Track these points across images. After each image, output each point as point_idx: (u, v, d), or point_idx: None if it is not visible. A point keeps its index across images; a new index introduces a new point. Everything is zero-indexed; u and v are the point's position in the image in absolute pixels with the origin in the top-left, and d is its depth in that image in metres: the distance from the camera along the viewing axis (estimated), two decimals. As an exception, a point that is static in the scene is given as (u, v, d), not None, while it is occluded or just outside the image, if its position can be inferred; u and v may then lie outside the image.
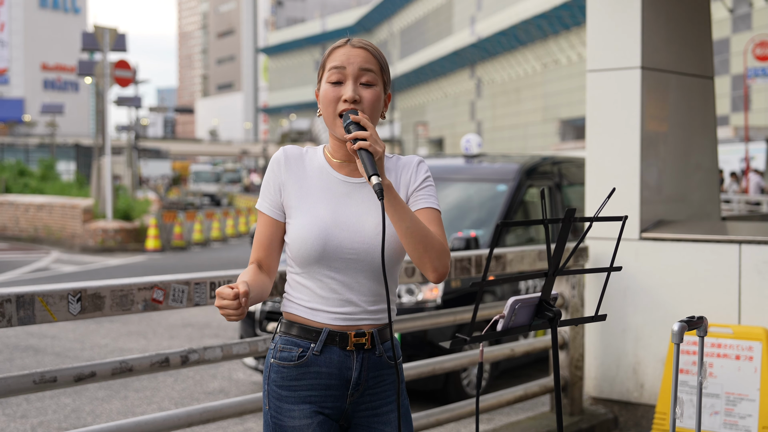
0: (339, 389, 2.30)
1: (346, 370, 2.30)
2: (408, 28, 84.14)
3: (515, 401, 5.25)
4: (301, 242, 2.26)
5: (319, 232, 2.25)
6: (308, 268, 2.28)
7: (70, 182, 31.40)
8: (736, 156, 29.18)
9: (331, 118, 2.29)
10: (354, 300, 2.30)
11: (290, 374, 2.29)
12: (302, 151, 2.37)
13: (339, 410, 2.32)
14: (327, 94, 2.29)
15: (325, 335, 2.28)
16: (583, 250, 5.57)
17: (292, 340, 2.30)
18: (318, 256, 2.25)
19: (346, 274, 2.28)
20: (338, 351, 2.29)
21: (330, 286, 2.29)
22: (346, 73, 2.28)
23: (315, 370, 2.28)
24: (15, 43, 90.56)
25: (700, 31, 6.18)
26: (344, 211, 2.29)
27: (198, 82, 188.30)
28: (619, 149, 5.57)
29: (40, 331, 9.41)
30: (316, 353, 2.28)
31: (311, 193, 2.31)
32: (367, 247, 2.27)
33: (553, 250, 2.17)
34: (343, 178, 2.33)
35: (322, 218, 2.27)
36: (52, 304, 3.02)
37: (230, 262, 17.59)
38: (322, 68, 2.32)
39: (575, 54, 55.22)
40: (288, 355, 2.30)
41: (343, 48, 2.31)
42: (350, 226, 2.27)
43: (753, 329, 4.97)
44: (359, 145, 2.17)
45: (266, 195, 2.34)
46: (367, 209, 2.31)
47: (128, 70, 22.12)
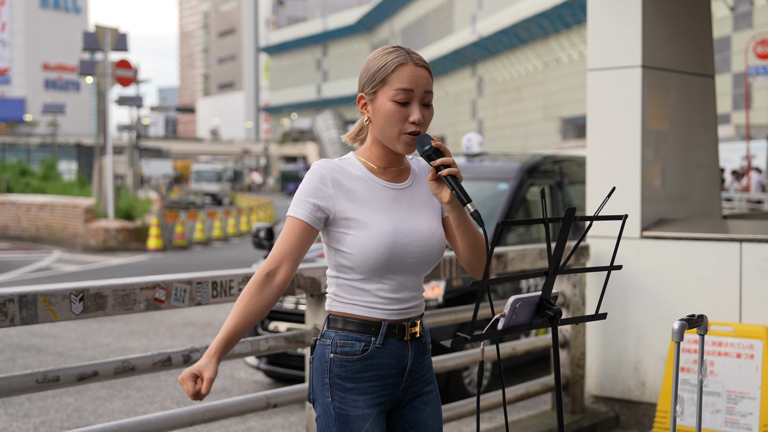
0: (396, 377, 2.43)
1: (403, 358, 2.44)
2: (409, 27, 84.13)
3: (517, 400, 5.26)
4: (369, 253, 2.36)
5: (387, 242, 2.36)
6: (372, 274, 2.38)
7: (72, 182, 31.41)
8: (737, 154, 29.17)
9: (395, 135, 2.38)
10: (407, 296, 2.44)
11: (354, 367, 2.39)
12: (340, 164, 2.43)
13: (393, 397, 2.45)
14: (394, 114, 2.36)
15: (385, 329, 2.41)
16: (584, 249, 5.58)
17: (352, 336, 2.40)
18: (386, 263, 2.37)
19: (403, 275, 2.42)
20: (396, 342, 2.43)
21: (389, 287, 2.41)
22: (413, 96, 2.38)
23: (378, 362, 2.40)
24: (16, 42, 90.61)
25: (700, 30, 6.18)
26: (400, 217, 2.42)
27: (199, 82, 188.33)
28: (620, 148, 5.58)
29: (42, 331, 9.42)
30: (379, 346, 2.40)
31: (365, 203, 2.39)
32: (424, 249, 2.43)
33: (554, 249, 2.18)
34: (388, 184, 2.45)
35: (386, 228, 2.37)
36: (54, 304, 3.03)
37: (232, 261, 17.60)
38: (382, 82, 2.38)
39: (576, 52, 55.20)
40: (350, 349, 2.39)
41: (408, 67, 2.38)
42: (408, 231, 2.41)
43: (754, 327, 4.97)
44: (448, 171, 2.31)
45: (306, 205, 2.37)
46: (417, 212, 2.46)
47: (129, 70, 22.14)
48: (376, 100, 2.39)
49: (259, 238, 7.53)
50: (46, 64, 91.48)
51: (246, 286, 2.38)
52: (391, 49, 2.42)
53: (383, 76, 2.37)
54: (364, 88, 2.43)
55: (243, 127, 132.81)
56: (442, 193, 2.35)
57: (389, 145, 2.40)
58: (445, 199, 2.35)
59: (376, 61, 2.41)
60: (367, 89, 2.41)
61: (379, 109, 2.38)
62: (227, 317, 2.34)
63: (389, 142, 2.39)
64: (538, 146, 55.91)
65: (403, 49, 2.43)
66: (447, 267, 4.55)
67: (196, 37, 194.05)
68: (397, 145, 2.38)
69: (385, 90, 2.37)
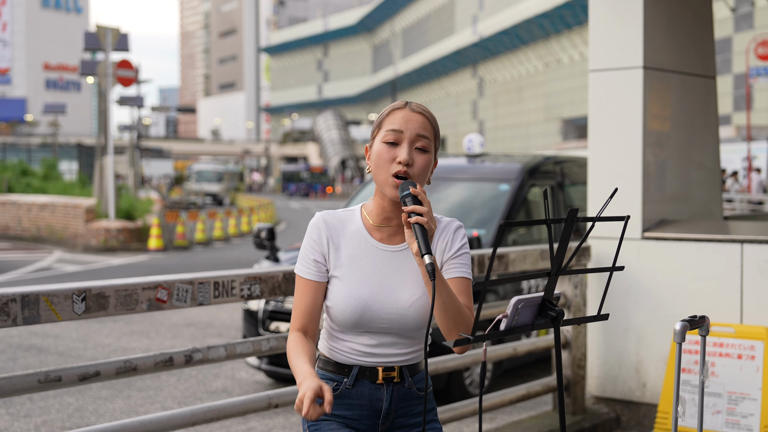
0: (371, 419, 2.43)
1: (377, 401, 2.42)
2: (410, 28, 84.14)
3: (518, 400, 5.26)
4: (340, 311, 2.37)
5: (357, 305, 2.35)
6: (344, 328, 2.40)
7: (73, 182, 31.41)
8: (738, 155, 29.16)
9: (384, 177, 2.35)
10: (385, 351, 2.42)
11: None
12: (340, 217, 2.43)
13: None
14: (381, 154, 2.35)
15: (357, 371, 2.41)
16: (585, 250, 5.58)
17: (328, 375, 2.43)
18: (354, 324, 2.38)
19: (379, 336, 2.40)
20: (369, 384, 2.42)
21: (364, 343, 2.41)
22: (403, 137, 2.35)
23: (348, 402, 2.42)
24: (17, 42, 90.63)
25: (702, 31, 6.18)
26: (381, 281, 2.38)
27: (200, 82, 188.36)
28: (621, 149, 5.58)
29: (43, 331, 9.43)
30: (349, 387, 2.41)
31: (351, 262, 2.39)
32: (399, 318, 2.38)
33: (556, 250, 2.18)
34: (381, 246, 2.40)
35: (360, 292, 2.36)
36: (56, 304, 3.03)
37: (233, 261, 17.61)
38: (378, 127, 2.39)
39: (577, 53, 55.20)
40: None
41: (402, 111, 2.38)
42: (385, 297, 2.37)
43: (755, 329, 4.97)
44: (416, 219, 2.23)
45: (308, 260, 2.40)
46: (401, 279, 2.39)
47: (130, 70, 22.14)
48: (372, 147, 2.40)
49: (261, 238, 7.53)
50: (47, 64, 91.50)
51: (288, 345, 2.38)
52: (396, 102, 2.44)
53: (379, 121, 2.39)
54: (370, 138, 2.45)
55: (244, 127, 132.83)
56: (414, 243, 2.25)
57: (382, 190, 2.36)
58: (413, 250, 2.25)
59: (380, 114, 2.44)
60: (370, 140, 2.42)
61: (374, 152, 2.38)
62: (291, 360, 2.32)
63: (381, 186, 2.36)
64: (539, 147, 55.92)
65: (408, 101, 2.43)
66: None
67: (197, 38, 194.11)
68: (386, 189, 2.34)
69: (380, 134, 2.37)
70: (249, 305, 6.99)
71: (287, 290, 3.79)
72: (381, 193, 2.38)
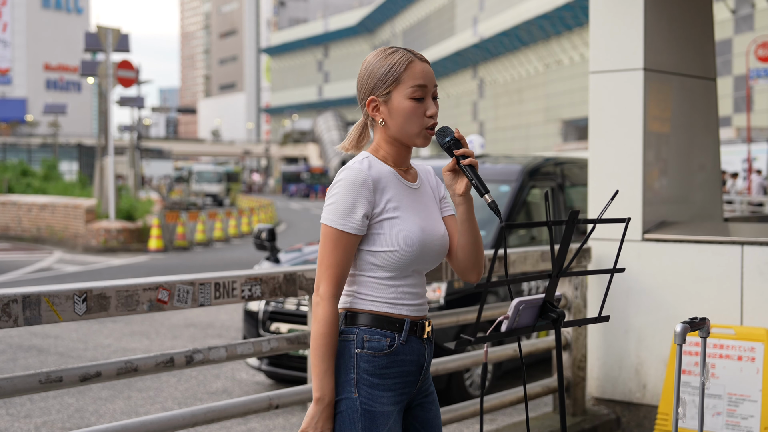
0: (415, 375, 2.46)
1: (422, 356, 2.47)
2: (410, 29, 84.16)
3: (518, 402, 5.26)
4: (407, 248, 2.39)
5: (420, 238, 2.40)
6: (401, 271, 2.42)
7: (73, 182, 31.42)
8: (738, 157, 29.17)
9: (416, 130, 2.43)
10: (423, 291, 2.49)
11: (381, 362, 2.40)
12: (371, 164, 2.44)
13: (410, 395, 2.47)
14: (414, 110, 2.42)
15: (408, 325, 2.43)
16: (585, 251, 5.59)
17: (377, 331, 2.41)
18: (416, 259, 2.42)
19: (421, 272, 2.48)
20: (416, 340, 2.45)
21: (413, 283, 2.45)
22: (427, 91, 2.44)
23: (402, 358, 2.42)
24: (18, 43, 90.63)
25: (702, 33, 6.19)
26: (424, 215, 2.47)
27: (200, 83, 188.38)
28: (621, 150, 5.59)
29: (43, 331, 9.43)
30: (403, 342, 2.42)
31: (399, 201, 2.44)
32: (441, 247, 2.48)
33: (557, 252, 2.18)
34: (410, 184, 2.50)
35: (418, 224, 2.42)
36: (58, 305, 3.03)
37: (233, 262, 17.61)
38: (396, 81, 2.42)
39: (577, 54, 55.22)
40: (377, 344, 2.40)
41: (417, 63, 2.44)
42: (431, 229, 2.46)
43: (755, 330, 4.98)
44: (470, 161, 2.39)
45: (353, 215, 2.36)
46: (431, 212, 2.51)
47: (131, 71, 22.14)
48: (390, 101, 2.42)
49: (261, 239, 7.53)
50: (47, 65, 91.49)
51: (325, 319, 2.35)
52: (392, 50, 2.46)
53: (396, 75, 2.41)
54: (374, 90, 2.44)
55: (244, 128, 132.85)
56: (457, 184, 2.43)
57: (408, 142, 2.45)
58: (460, 190, 2.42)
59: (381, 63, 2.43)
60: (379, 91, 2.43)
61: (397, 108, 2.42)
62: (321, 355, 2.34)
63: (409, 138, 2.44)
64: (539, 148, 55.94)
65: (402, 48, 2.48)
66: (448, 269, 4.55)
67: (198, 38, 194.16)
68: (417, 140, 2.43)
69: (401, 89, 2.41)
70: (249, 306, 6.99)
71: (288, 291, 3.79)
72: (401, 143, 2.47)
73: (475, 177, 2.38)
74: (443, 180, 2.47)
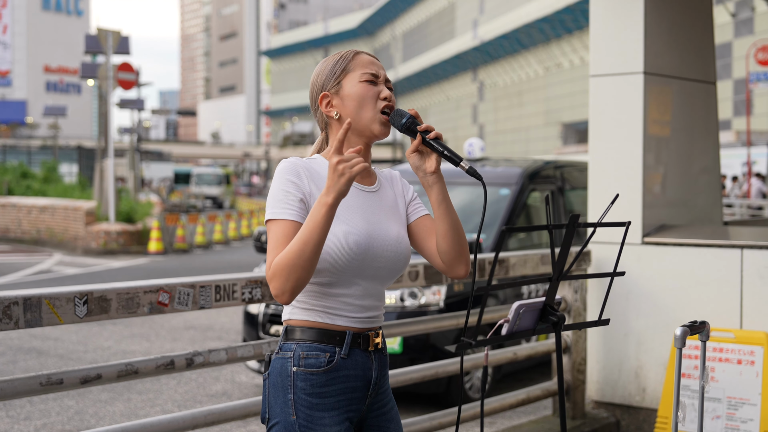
0: (362, 391, 2.33)
1: (368, 370, 2.33)
2: (410, 32, 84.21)
3: (517, 405, 5.27)
4: (341, 252, 2.24)
5: (361, 242, 2.26)
6: (340, 276, 2.27)
7: (73, 184, 31.42)
8: (738, 160, 29.18)
9: (371, 115, 2.35)
10: (371, 304, 2.34)
11: (319, 381, 2.27)
12: (309, 162, 2.36)
13: (359, 412, 2.34)
14: (366, 91, 2.35)
15: (350, 338, 2.29)
16: (585, 255, 5.59)
17: (316, 346, 2.27)
18: (358, 265, 2.26)
19: (370, 282, 2.32)
20: (360, 353, 2.32)
21: (355, 292, 2.30)
22: (378, 79, 2.38)
23: (343, 374, 2.29)
24: (18, 45, 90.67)
25: (702, 36, 6.20)
26: (371, 219, 2.33)
27: (200, 85, 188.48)
28: (621, 154, 5.59)
29: (43, 333, 9.43)
30: (344, 357, 2.28)
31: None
32: (394, 255, 2.33)
33: (558, 255, 2.19)
34: (359, 187, 2.37)
35: (359, 227, 2.28)
36: (58, 307, 3.04)
37: (233, 264, 17.61)
38: (344, 71, 2.37)
39: (577, 58, 55.24)
40: (315, 361, 2.27)
41: (365, 56, 2.41)
42: (380, 234, 2.31)
43: (755, 334, 4.98)
44: (434, 134, 2.29)
45: (290, 203, 2.24)
46: (386, 217, 2.37)
47: (131, 73, 22.16)
48: (342, 90, 2.36)
49: (261, 242, 7.54)
50: (47, 67, 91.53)
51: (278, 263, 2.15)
52: (337, 52, 2.43)
53: (343, 66, 2.37)
54: (324, 87, 2.39)
55: (244, 130, 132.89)
56: (426, 163, 2.31)
57: (365, 130, 2.34)
58: (431, 168, 2.29)
59: (327, 62, 2.41)
60: (329, 84, 2.38)
61: (349, 93, 2.35)
62: (304, 231, 2.14)
63: (365, 125, 2.34)
64: (539, 151, 55.94)
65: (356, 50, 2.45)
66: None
67: (198, 41, 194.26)
68: (374, 126, 2.34)
69: (351, 76, 2.36)
70: (249, 309, 7.00)
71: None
72: (358, 136, 2.36)
73: (445, 148, 2.28)
74: (410, 165, 2.34)
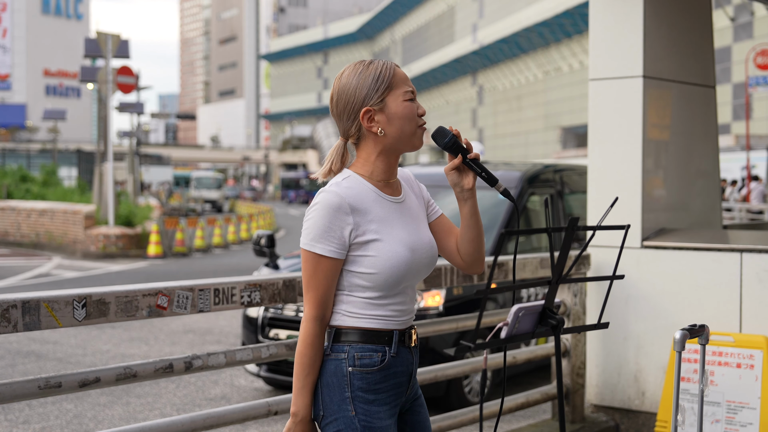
0: (405, 385, 2.48)
1: (410, 365, 2.49)
2: (410, 36, 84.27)
3: (517, 409, 5.26)
4: (391, 270, 2.39)
5: (407, 257, 2.41)
6: (390, 291, 2.42)
7: (72, 188, 31.42)
8: (737, 164, 29.20)
9: (412, 130, 2.47)
10: (411, 306, 2.50)
11: (374, 378, 2.41)
12: (348, 185, 2.43)
13: (402, 404, 2.51)
14: (410, 112, 2.46)
15: (397, 337, 2.44)
16: (584, 258, 5.59)
17: (368, 347, 2.42)
18: (405, 277, 2.42)
19: (411, 288, 2.50)
20: (404, 350, 2.47)
21: (403, 300, 2.47)
22: (414, 92, 2.51)
23: (393, 370, 2.43)
24: (17, 48, 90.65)
25: (701, 40, 6.20)
26: (409, 230, 2.47)
27: (200, 89, 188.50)
28: (621, 157, 5.59)
29: (42, 337, 9.42)
30: (394, 355, 2.43)
31: (382, 222, 2.43)
32: (430, 259, 2.50)
33: (557, 259, 2.19)
34: (393, 198, 2.49)
35: (404, 243, 2.42)
36: (57, 310, 3.03)
37: (232, 268, 17.60)
38: (389, 88, 2.44)
39: (577, 62, 55.27)
40: (370, 361, 2.41)
41: (399, 70, 2.50)
42: (418, 243, 2.47)
43: (754, 337, 4.98)
44: (474, 155, 2.45)
45: (331, 239, 2.37)
46: (418, 224, 2.52)
47: (131, 77, 22.16)
48: (386, 107, 2.44)
49: (260, 245, 7.53)
50: (47, 71, 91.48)
51: (305, 340, 2.40)
52: (369, 62, 2.49)
53: (388, 82, 2.44)
54: (365, 101, 2.43)
55: (243, 134, 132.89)
56: (464, 180, 2.46)
57: (407, 144, 2.47)
58: (468, 185, 2.45)
59: (365, 74, 2.45)
60: (372, 101, 2.43)
61: (395, 112, 2.44)
62: (299, 373, 2.39)
63: (408, 140, 2.46)
64: (538, 155, 55.96)
65: (374, 59, 2.53)
66: (448, 275, 4.56)
67: (197, 44, 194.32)
68: (415, 140, 2.46)
69: (394, 94, 2.45)
70: (248, 312, 6.99)
71: (287, 297, 3.79)
72: (397, 151, 2.48)
73: (483, 170, 2.43)
74: (448, 180, 2.48)
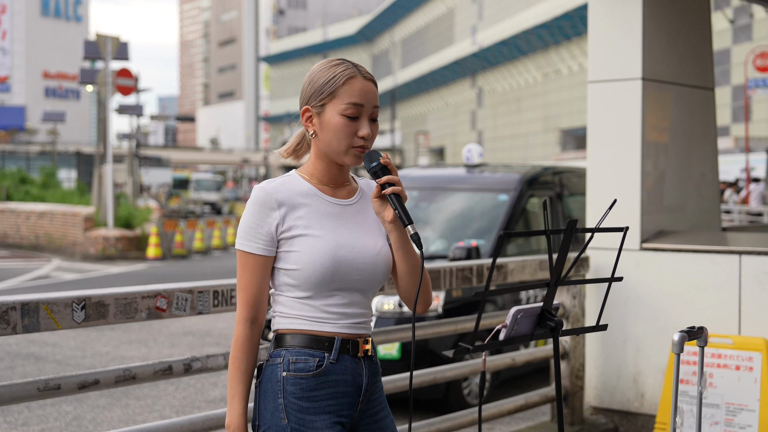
0: (353, 396, 2.35)
1: (358, 376, 2.35)
2: (409, 38, 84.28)
3: (516, 411, 5.26)
4: (315, 266, 2.28)
5: (333, 256, 2.29)
6: (318, 290, 2.31)
7: (72, 190, 31.39)
8: (737, 167, 29.20)
9: (344, 148, 2.33)
10: (355, 311, 2.37)
11: (309, 384, 2.30)
12: (282, 182, 2.38)
13: (351, 418, 2.36)
14: (344, 128, 2.32)
15: (339, 343, 2.32)
16: (583, 260, 5.59)
17: (305, 351, 2.31)
18: (330, 278, 2.30)
19: (350, 292, 2.35)
20: (350, 359, 2.34)
21: (337, 301, 2.34)
22: (363, 111, 2.34)
23: (333, 378, 2.31)
24: (17, 50, 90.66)
25: (700, 43, 6.21)
26: (346, 233, 2.36)
27: (199, 91, 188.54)
28: (620, 160, 5.60)
29: (41, 339, 9.42)
30: (333, 362, 2.31)
31: (310, 219, 2.34)
32: (370, 266, 2.37)
33: (555, 261, 2.19)
34: (333, 200, 2.39)
35: (329, 242, 2.31)
36: (56, 312, 3.03)
37: (231, 270, 17.59)
38: (332, 95, 2.33)
39: (576, 64, 55.29)
40: (304, 365, 2.30)
41: (357, 80, 2.34)
42: (356, 247, 2.35)
43: (753, 340, 4.98)
44: (392, 190, 2.29)
45: (258, 235, 2.31)
46: (362, 230, 2.40)
47: (130, 79, 22.16)
48: (323, 114, 2.34)
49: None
50: (46, 73, 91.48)
51: (235, 343, 2.33)
52: (338, 62, 2.37)
53: (332, 89, 2.33)
54: (309, 100, 2.36)
55: (243, 136, 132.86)
56: (385, 212, 2.33)
57: (336, 159, 2.36)
58: (388, 218, 2.33)
59: (322, 73, 2.36)
60: (313, 102, 2.36)
61: (328, 122, 2.33)
62: (231, 379, 2.31)
63: (336, 155, 2.35)
64: (537, 157, 55.96)
65: (349, 61, 2.38)
66: (446, 277, 4.56)
67: (197, 47, 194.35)
68: (345, 158, 2.34)
69: (335, 103, 2.32)
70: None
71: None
72: (331, 159, 2.37)
73: (399, 206, 2.28)
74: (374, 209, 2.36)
